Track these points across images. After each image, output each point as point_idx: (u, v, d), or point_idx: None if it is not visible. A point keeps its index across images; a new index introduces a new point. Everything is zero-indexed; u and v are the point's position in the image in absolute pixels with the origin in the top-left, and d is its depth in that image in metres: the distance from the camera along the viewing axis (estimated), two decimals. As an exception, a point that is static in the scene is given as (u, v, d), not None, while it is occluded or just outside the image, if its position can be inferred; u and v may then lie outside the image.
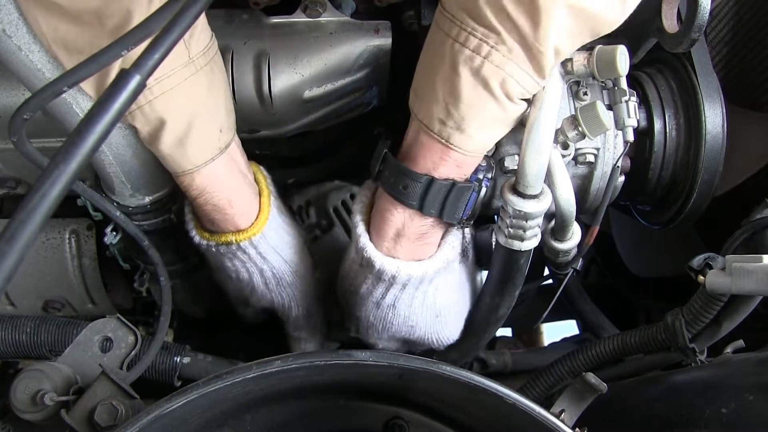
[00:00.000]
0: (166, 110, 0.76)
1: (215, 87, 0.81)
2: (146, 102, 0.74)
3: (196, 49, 0.76)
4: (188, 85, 0.76)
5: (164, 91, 0.74)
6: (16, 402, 0.78)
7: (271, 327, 1.29)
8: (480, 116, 0.75)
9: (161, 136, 0.78)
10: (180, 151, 0.80)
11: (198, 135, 0.80)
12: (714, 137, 0.95)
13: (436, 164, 0.79)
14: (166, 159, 0.81)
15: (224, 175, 0.85)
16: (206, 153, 0.82)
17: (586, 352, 0.98)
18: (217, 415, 0.74)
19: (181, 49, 0.74)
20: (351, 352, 0.66)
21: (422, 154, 0.80)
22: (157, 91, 0.74)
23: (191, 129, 0.79)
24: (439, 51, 0.75)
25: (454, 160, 0.79)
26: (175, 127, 0.77)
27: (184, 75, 0.75)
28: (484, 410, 0.71)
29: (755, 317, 0.90)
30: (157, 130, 0.77)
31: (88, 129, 0.42)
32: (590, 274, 1.70)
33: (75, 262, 1.08)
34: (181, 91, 0.76)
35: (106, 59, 0.47)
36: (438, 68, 0.75)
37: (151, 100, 0.74)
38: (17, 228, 0.40)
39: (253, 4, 0.92)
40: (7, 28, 0.70)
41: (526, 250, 0.85)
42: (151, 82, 0.71)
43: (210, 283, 1.14)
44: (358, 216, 0.90)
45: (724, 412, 0.74)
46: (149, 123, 0.77)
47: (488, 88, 0.73)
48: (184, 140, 0.79)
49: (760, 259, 0.80)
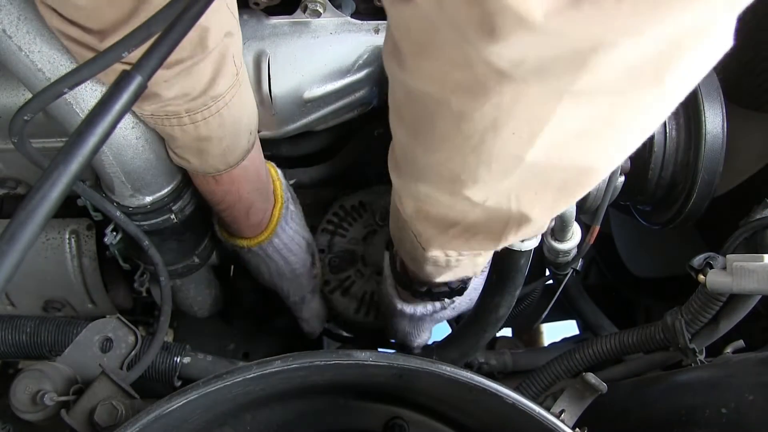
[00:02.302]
0: (217, 127, 0.79)
1: (248, 94, 0.85)
2: (203, 119, 0.77)
3: (239, 66, 0.78)
4: (235, 101, 0.79)
5: (219, 110, 0.77)
6: (16, 402, 0.78)
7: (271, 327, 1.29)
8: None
9: (208, 148, 0.81)
10: (222, 158, 0.85)
11: (237, 141, 0.84)
12: (714, 137, 0.95)
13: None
14: (207, 164, 0.85)
15: (246, 176, 0.91)
16: (238, 154, 0.86)
17: (583, 351, 0.98)
18: (217, 415, 0.74)
19: (234, 70, 0.77)
20: (351, 352, 0.66)
21: (414, 276, 0.91)
22: (214, 110, 0.77)
23: (234, 138, 0.83)
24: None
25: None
26: (222, 140, 0.81)
27: (233, 93, 0.78)
28: (484, 410, 0.71)
29: (755, 317, 0.90)
30: (205, 143, 0.81)
31: (88, 130, 0.42)
32: (590, 274, 1.70)
33: (75, 262, 1.08)
34: (230, 108, 0.79)
35: (108, 60, 0.47)
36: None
37: (207, 118, 0.77)
38: (17, 228, 0.40)
39: (253, 4, 0.92)
40: (7, 28, 0.70)
41: (526, 251, 0.85)
42: (209, 102, 0.75)
43: (210, 283, 1.15)
44: (389, 279, 1.01)
45: (724, 412, 0.74)
46: (200, 138, 0.80)
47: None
48: (228, 147, 0.83)
49: (761, 259, 0.80)
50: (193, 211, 0.96)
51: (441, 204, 0.61)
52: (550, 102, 0.43)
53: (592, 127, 0.47)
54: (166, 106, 0.74)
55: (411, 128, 0.54)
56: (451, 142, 0.50)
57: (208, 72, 0.73)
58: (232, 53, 0.76)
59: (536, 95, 0.43)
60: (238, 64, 0.78)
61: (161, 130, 0.80)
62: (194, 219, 0.97)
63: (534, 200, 0.57)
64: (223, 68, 0.74)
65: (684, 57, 0.42)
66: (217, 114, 0.78)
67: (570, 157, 0.51)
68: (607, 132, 0.49)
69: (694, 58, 0.43)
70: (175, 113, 0.76)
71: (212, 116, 0.77)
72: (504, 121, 0.45)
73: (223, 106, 0.77)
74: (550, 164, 0.51)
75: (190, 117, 0.76)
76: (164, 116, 0.76)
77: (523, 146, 0.47)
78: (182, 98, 0.74)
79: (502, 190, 0.55)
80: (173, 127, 0.78)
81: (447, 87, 0.45)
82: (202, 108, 0.76)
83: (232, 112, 0.79)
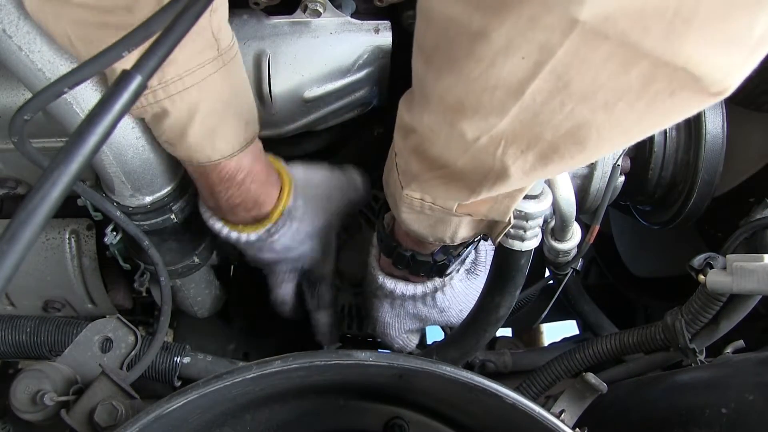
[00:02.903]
0: (198, 100, 0.78)
1: (240, 82, 0.84)
2: (177, 92, 0.76)
3: (224, 44, 0.78)
4: (218, 77, 0.78)
5: (196, 82, 0.76)
6: (16, 402, 0.78)
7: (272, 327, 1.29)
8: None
9: (192, 125, 0.79)
10: (209, 142, 0.82)
11: (227, 126, 0.82)
12: (714, 137, 0.95)
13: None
14: (193, 149, 0.82)
15: (249, 167, 0.88)
16: (234, 144, 0.84)
17: (583, 351, 0.98)
18: (216, 415, 0.74)
19: (211, 41, 0.76)
20: (351, 352, 0.66)
21: (405, 240, 0.90)
22: (189, 81, 0.76)
23: (221, 119, 0.81)
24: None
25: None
26: (206, 117, 0.80)
27: (215, 67, 0.77)
28: (484, 410, 0.71)
29: (755, 317, 0.90)
30: (189, 119, 0.79)
31: (89, 130, 0.42)
32: (590, 274, 1.70)
33: (75, 262, 1.08)
34: (212, 82, 0.78)
35: (107, 60, 0.47)
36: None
37: (181, 91, 0.76)
38: (18, 228, 0.40)
39: (253, 4, 0.92)
40: (7, 28, 0.70)
41: (526, 251, 0.85)
42: (182, 72, 0.75)
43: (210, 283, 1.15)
44: (374, 250, 1.00)
45: (724, 412, 0.74)
46: (180, 111, 0.78)
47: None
48: (215, 130, 0.81)
49: (761, 259, 0.80)
50: (193, 211, 0.96)
51: (439, 140, 0.63)
52: (562, 31, 0.44)
53: (595, 91, 0.49)
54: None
55: (428, 56, 0.56)
56: (463, 64, 0.51)
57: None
58: (208, 24, 0.75)
59: (550, 20, 0.44)
60: (221, 39, 0.77)
61: (145, 114, 0.78)
62: (194, 219, 0.97)
63: (518, 156, 0.58)
64: (190, 34, 0.73)
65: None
66: (193, 88, 0.76)
67: (566, 116, 0.52)
68: (608, 106, 0.50)
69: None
70: (149, 86, 0.72)
71: (187, 89, 0.76)
72: (518, 44, 0.47)
73: (201, 80, 0.76)
74: (546, 113, 0.52)
75: (164, 89, 0.75)
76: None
77: (527, 75, 0.49)
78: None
79: (496, 131, 0.56)
80: (152, 106, 0.76)
81: (472, 4, 0.47)
82: (174, 78, 0.74)
83: (214, 88, 0.78)
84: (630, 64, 0.46)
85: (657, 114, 0.51)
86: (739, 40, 0.45)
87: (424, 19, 0.55)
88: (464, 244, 0.88)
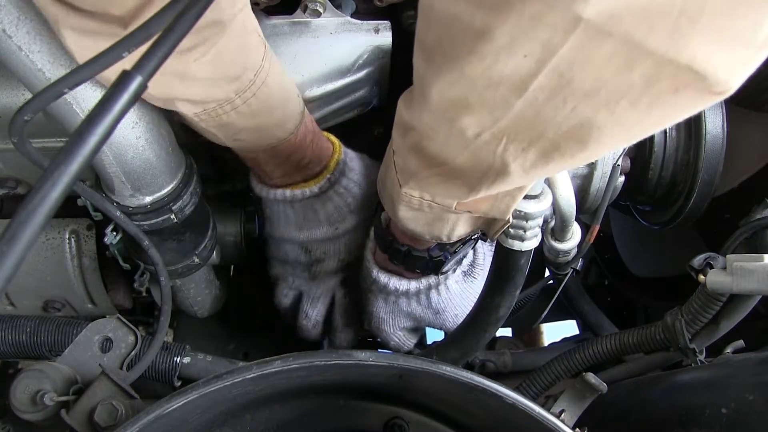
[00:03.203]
0: (267, 97, 0.82)
1: (277, 59, 0.87)
2: (252, 95, 0.80)
3: (262, 35, 0.82)
4: (272, 68, 0.82)
5: (263, 80, 0.80)
6: (16, 402, 0.78)
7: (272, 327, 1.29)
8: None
9: (266, 122, 0.85)
10: (284, 118, 0.88)
11: (292, 97, 0.89)
12: (714, 137, 0.95)
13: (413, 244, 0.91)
14: (272, 131, 0.88)
15: (312, 126, 0.94)
16: (296, 117, 0.90)
17: (583, 351, 0.98)
18: (216, 415, 0.74)
19: (258, 39, 0.81)
20: (351, 352, 0.66)
21: (401, 236, 0.91)
22: (258, 82, 0.80)
23: (287, 94, 0.88)
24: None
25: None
26: (275, 109, 0.85)
27: (268, 62, 0.81)
28: (484, 410, 0.71)
29: (755, 317, 0.90)
30: (264, 116, 0.84)
31: (89, 130, 0.41)
32: (590, 274, 1.70)
33: (75, 262, 1.08)
34: (271, 76, 0.82)
35: (108, 60, 0.47)
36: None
37: (256, 93, 0.80)
38: (18, 228, 0.40)
39: (253, 4, 0.92)
40: (7, 28, 0.70)
41: (526, 251, 0.85)
42: (252, 77, 0.79)
43: (210, 283, 1.15)
44: (370, 244, 1.01)
45: (724, 412, 0.74)
46: (255, 115, 0.83)
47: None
48: (286, 104, 0.87)
49: (761, 259, 0.80)
50: (193, 211, 0.96)
51: (438, 137, 0.63)
52: (565, 29, 0.44)
53: (597, 88, 0.48)
54: (210, 95, 0.77)
55: (429, 54, 0.56)
56: (465, 61, 0.51)
57: (235, 46, 0.75)
58: (254, 24, 0.79)
59: (552, 18, 0.44)
60: (260, 34, 0.81)
61: (218, 122, 0.82)
62: (194, 219, 0.97)
63: (519, 154, 0.58)
64: (248, 39, 0.77)
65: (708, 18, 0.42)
66: (263, 85, 0.80)
67: (568, 114, 0.52)
68: (611, 104, 0.50)
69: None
70: (226, 99, 0.78)
71: (259, 89, 0.80)
72: (520, 41, 0.47)
73: (266, 76, 0.80)
74: (548, 111, 0.52)
75: (241, 97, 0.79)
76: (218, 106, 0.79)
77: (530, 72, 0.49)
78: (223, 80, 0.76)
79: (498, 128, 0.56)
80: (229, 114, 0.80)
81: (474, 2, 0.47)
82: (249, 85, 0.79)
83: (275, 80, 0.83)
84: (634, 62, 0.46)
85: (659, 112, 0.51)
86: (745, 39, 0.44)
87: (425, 17, 0.55)
88: (461, 241, 0.88)
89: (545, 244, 0.92)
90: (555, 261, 0.94)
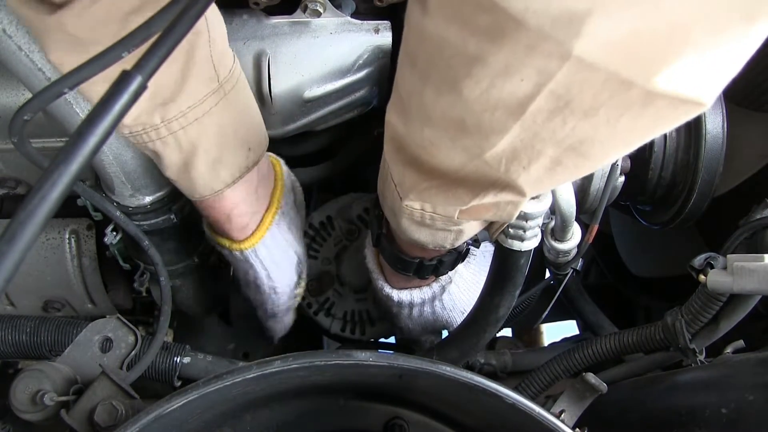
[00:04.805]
0: (198, 137, 0.77)
1: (243, 107, 0.83)
2: (180, 128, 0.75)
3: (223, 73, 0.77)
4: (219, 109, 0.77)
5: (198, 117, 0.75)
6: (16, 402, 0.78)
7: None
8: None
9: (194, 162, 0.79)
10: (212, 174, 0.81)
11: (227, 155, 0.81)
12: (714, 137, 0.95)
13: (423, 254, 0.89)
14: (195, 182, 0.82)
15: (243, 196, 0.88)
16: (234, 173, 0.84)
17: (583, 350, 0.98)
18: (216, 416, 0.74)
19: (211, 74, 0.75)
20: (351, 352, 0.66)
21: (409, 249, 0.89)
22: (191, 117, 0.75)
23: (223, 152, 0.80)
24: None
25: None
26: (208, 152, 0.79)
27: (215, 99, 0.76)
28: (484, 410, 0.71)
29: (755, 317, 0.90)
30: (190, 156, 0.78)
31: (89, 130, 0.42)
32: (590, 274, 1.70)
33: (75, 262, 1.08)
34: (212, 117, 0.77)
35: (107, 60, 0.47)
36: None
37: (185, 127, 0.75)
38: (17, 228, 0.40)
39: (253, 4, 0.92)
40: (7, 28, 0.70)
41: (526, 251, 0.85)
42: (185, 109, 0.74)
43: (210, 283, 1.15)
44: (372, 263, 1.02)
45: (724, 412, 0.74)
46: (182, 150, 0.78)
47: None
48: (217, 165, 0.81)
49: (762, 259, 0.80)
50: (193, 211, 0.96)
51: (440, 152, 0.62)
52: (559, 58, 0.45)
53: (596, 108, 0.49)
54: (139, 116, 0.73)
55: (423, 73, 0.56)
56: (462, 84, 0.51)
57: (172, 71, 0.71)
58: (209, 56, 0.74)
59: (547, 47, 0.44)
60: (221, 69, 0.76)
61: (145, 149, 0.78)
62: (194, 219, 0.97)
63: (521, 171, 0.59)
64: (192, 69, 0.73)
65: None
66: (196, 122, 0.75)
67: (568, 133, 0.52)
68: (611, 122, 0.50)
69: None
70: (151, 124, 0.74)
71: (190, 125, 0.75)
72: (516, 68, 0.47)
73: (202, 114, 0.75)
74: (547, 131, 0.52)
75: (167, 126, 0.74)
76: (142, 131, 0.74)
77: (527, 95, 0.49)
78: (151, 100, 0.72)
79: (496, 150, 0.56)
80: (155, 143, 0.76)
81: (467, 30, 0.47)
82: (177, 116, 0.74)
83: (216, 121, 0.77)
84: (629, 87, 0.47)
85: (660, 124, 0.52)
86: (732, 60, 0.46)
87: (415, 35, 0.54)
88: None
89: (545, 244, 0.92)
90: (555, 261, 0.94)
